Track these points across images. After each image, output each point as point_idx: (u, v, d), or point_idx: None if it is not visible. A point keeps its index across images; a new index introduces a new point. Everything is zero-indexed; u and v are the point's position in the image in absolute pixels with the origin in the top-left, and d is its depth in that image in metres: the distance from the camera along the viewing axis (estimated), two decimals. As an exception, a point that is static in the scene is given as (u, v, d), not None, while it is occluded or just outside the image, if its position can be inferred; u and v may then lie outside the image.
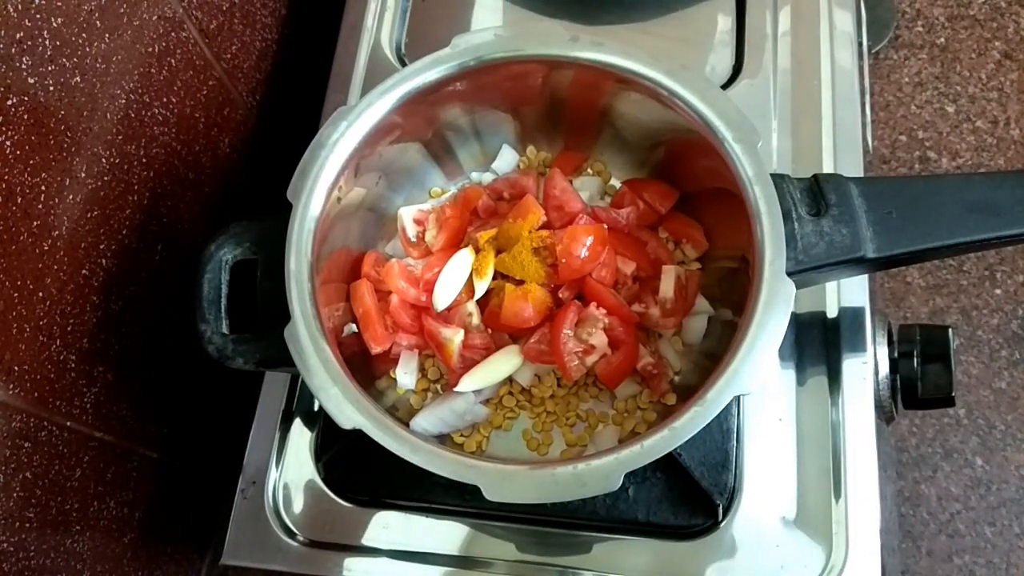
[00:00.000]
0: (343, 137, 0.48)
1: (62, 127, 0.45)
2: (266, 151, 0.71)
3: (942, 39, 1.14)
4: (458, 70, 0.49)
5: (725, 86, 0.64)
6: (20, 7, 0.40)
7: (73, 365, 0.49)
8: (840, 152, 0.61)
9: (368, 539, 0.54)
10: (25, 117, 0.41)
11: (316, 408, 0.58)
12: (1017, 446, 0.96)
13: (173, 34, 0.54)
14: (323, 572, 0.54)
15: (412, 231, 0.56)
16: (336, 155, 0.48)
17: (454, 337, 0.52)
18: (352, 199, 0.52)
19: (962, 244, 0.47)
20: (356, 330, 0.53)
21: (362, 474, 0.55)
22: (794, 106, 0.63)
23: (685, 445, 0.41)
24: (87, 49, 0.46)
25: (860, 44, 0.67)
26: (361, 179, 0.52)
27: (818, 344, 0.56)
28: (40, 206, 0.44)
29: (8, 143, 0.41)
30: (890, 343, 0.56)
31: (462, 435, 0.53)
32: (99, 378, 0.52)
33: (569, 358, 0.50)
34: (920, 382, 0.54)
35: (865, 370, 0.55)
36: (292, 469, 0.56)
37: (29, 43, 0.41)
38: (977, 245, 0.48)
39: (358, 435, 0.42)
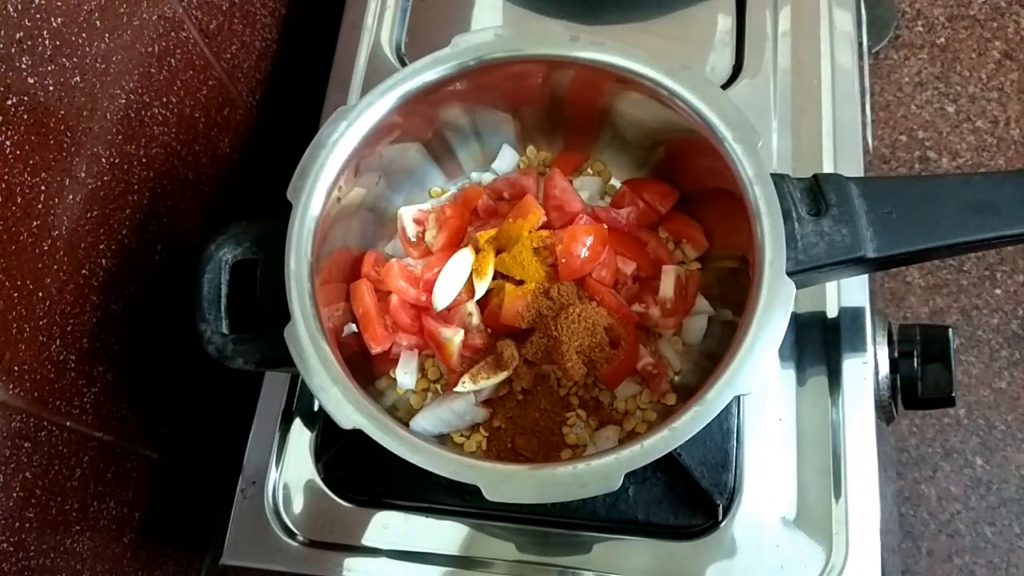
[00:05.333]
0: (343, 137, 0.48)
1: (62, 127, 0.45)
2: (266, 151, 0.71)
3: (942, 39, 1.14)
4: (458, 70, 0.49)
5: (725, 86, 0.64)
6: (20, 7, 0.40)
7: (73, 365, 0.49)
8: (840, 152, 0.61)
9: (368, 539, 0.54)
10: (25, 117, 0.41)
11: (316, 408, 0.58)
12: (1017, 446, 0.96)
13: (173, 34, 0.54)
14: (323, 572, 0.54)
15: (412, 231, 0.56)
16: (336, 155, 0.48)
17: (454, 337, 0.52)
18: (352, 199, 0.52)
19: (962, 244, 0.47)
20: (356, 330, 0.53)
21: (362, 474, 0.55)
22: (794, 106, 0.63)
23: (685, 445, 0.41)
24: (87, 49, 0.46)
25: (860, 44, 0.67)
26: (361, 179, 0.52)
27: (818, 344, 0.56)
28: (40, 206, 0.44)
29: (8, 143, 0.41)
30: (890, 343, 0.56)
31: (462, 435, 0.53)
32: (99, 378, 0.52)
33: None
34: (920, 382, 0.54)
35: (865, 370, 0.55)
36: (292, 469, 0.56)
37: (29, 43, 0.41)
38: (977, 245, 0.48)
39: (358, 435, 0.42)
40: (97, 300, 0.51)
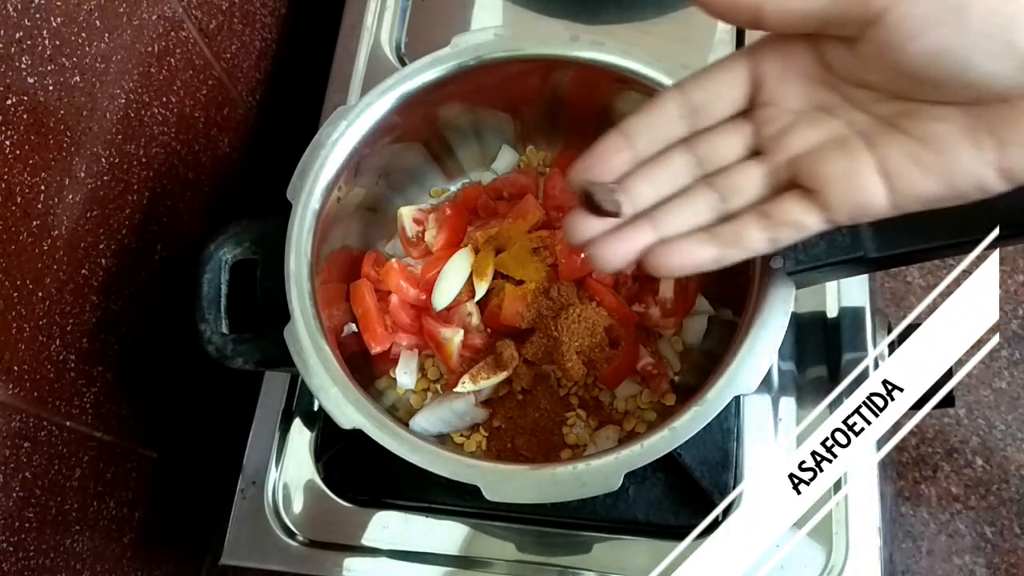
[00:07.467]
0: (343, 137, 0.48)
1: (62, 127, 0.45)
2: (266, 151, 0.71)
3: (942, 39, 1.14)
4: (458, 70, 0.49)
5: (725, 86, 0.64)
6: (19, 7, 0.40)
7: (73, 365, 0.49)
8: (840, 152, 0.61)
9: (368, 539, 0.54)
10: (24, 117, 0.41)
11: (316, 408, 0.58)
12: (1017, 446, 0.96)
13: (173, 34, 0.54)
14: (323, 572, 0.54)
15: (412, 231, 0.56)
16: (336, 155, 0.48)
17: (454, 337, 0.52)
18: (352, 199, 0.52)
19: (962, 244, 0.47)
20: (356, 330, 0.53)
21: (362, 474, 0.55)
22: (794, 106, 0.63)
23: (685, 445, 0.41)
24: (87, 49, 0.46)
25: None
26: (361, 179, 0.52)
27: (818, 344, 0.56)
28: (40, 206, 0.44)
29: (8, 143, 0.40)
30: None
31: (462, 435, 0.53)
32: (99, 378, 0.52)
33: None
34: (920, 382, 0.54)
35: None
36: (292, 469, 0.56)
37: (28, 43, 0.41)
38: (977, 245, 0.47)
39: (358, 435, 0.42)
40: (97, 300, 0.50)
